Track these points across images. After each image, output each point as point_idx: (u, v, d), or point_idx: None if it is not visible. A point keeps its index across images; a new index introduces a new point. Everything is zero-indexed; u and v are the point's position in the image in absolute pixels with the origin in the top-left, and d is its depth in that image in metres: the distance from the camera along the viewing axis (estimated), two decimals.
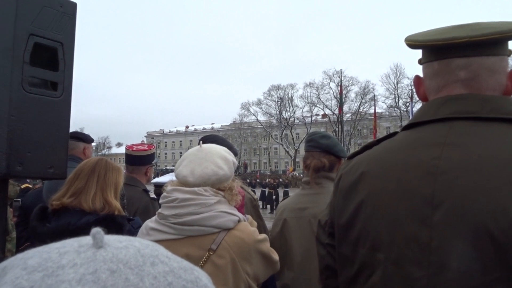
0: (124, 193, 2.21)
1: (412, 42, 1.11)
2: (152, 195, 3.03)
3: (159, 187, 4.03)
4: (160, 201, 1.62)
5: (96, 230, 0.47)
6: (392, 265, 0.98)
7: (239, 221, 1.59)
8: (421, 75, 1.19)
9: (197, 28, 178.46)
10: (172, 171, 1.95)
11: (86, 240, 0.48)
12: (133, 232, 1.77)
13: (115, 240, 0.49)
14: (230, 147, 2.16)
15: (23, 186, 4.68)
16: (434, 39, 1.06)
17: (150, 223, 1.62)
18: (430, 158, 0.99)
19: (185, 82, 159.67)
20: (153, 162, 3.26)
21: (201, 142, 1.78)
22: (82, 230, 1.89)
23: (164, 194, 1.62)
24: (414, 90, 1.23)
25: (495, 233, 0.85)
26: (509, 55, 1.08)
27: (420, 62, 1.18)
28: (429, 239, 0.92)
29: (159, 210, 1.61)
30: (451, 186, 0.93)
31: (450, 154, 0.97)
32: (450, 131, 1.01)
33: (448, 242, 0.90)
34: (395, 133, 1.18)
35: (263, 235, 1.67)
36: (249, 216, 1.80)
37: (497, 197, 0.87)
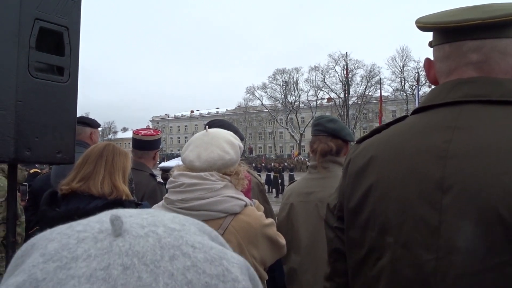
0: (132, 177, 2.23)
1: (423, 24, 1.09)
2: (159, 179, 3.06)
3: (166, 172, 4.06)
4: (167, 186, 1.62)
5: (115, 216, 0.45)
6: (401, 248, 0.98)
7: (245, 205, 1.60)
8: (431, 57, 1.18)
9: (202, 13, 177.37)
10: (178, 155, 1.94)
11: (107, 223, 0.46)
12: None
13: (137, 226, 0.46)
14: (236, 132, 2.15)
15: (32, 171, 4.72)
16: (445, 21, 1.04)
17: (157, 208, 1.63)
18: (440, 142, 0.98)
19: (190, 67, 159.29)
20: (160, 147, 3.29)
21: (207, 126, 1.77)
22: (91, 215, 1.91)
23: (171, 179, 1.62)
24: (420, 73, 1.21)
25: (505, 216, 0.85)
26: None
27: (430, 44, 1.16)
28: (438, 222, 0.92)
29: (166, 195, 1.61)
30: (461, 170, 0.92)
31: (461, 138, 0.96)
32: (461, 114, 1.00)
33: (457, 226, 0.90)
34: (405, 117, 1.17)
35: (270, 220, 1.67)
36: (255, 201, 1.80)
37: (507, 181, 0.86)
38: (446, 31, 1.07)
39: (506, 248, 0.85)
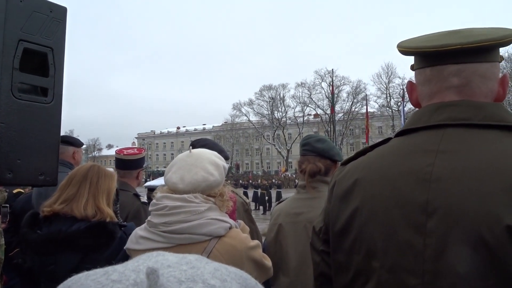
0: (118, 199, 2.21)
1: (405, 49, 1.12)
2: (143, 199, 3.02)
3: (152, 191, 4.02)
4: (150, 208, 1.60)
5: (151, 270, 0.41)
6: (387, 273, 0.98)
7: (230, 228, 1.58)
8: (414, 80, 1.20)
9: (188, 28, 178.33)
10: (164, 172, 1.92)
11: (143, 273, 0.43)
12: (125, 239, 1.76)
13: (175, 280, 0.43)
14: (221, 151, 2.15)
15: (15, 191, 4.62)
16: (426, 46, 1.07)
17: (139, 231, 1.60)
18: (424, 165, 0.99)
19: (176, 82, 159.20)
20: (144, 166, 3.25)
21: (190, 147, 1.77)
22: (73, 237, 1.89)
23: (154, 201, 1.60)
24: (405, 90, 1.24)
25: (489, 239, 0.85)
26: (500, 61, 1.10)
27: (412, 68, 1.19)
28: (423, 246, 0.93)
29: (149, 218, 1.59)
30: (445, 193, 0.93)
31: (444, 161, 0.97)
32: (443, 138, 1.01)
33: (442, 250, 0.91)
34: (388, 139, 1.19)
35: (255, 242, 1.66)
36: (241, 222, 1.79)
37: (490, 204, 0.87)
38: (427, 55, 1.09)
39: (492, 272, 0.85)
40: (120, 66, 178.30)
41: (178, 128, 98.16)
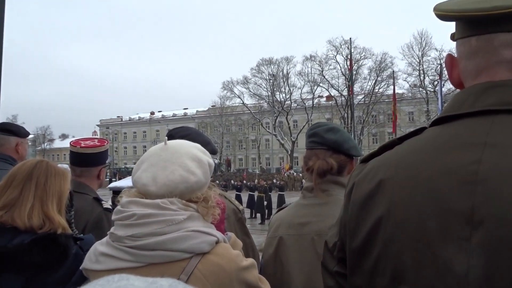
0: (73, 204, 2.19)
1: (444, 13, 1.10)
2: (107, 204, 3.00)
3: (118, 194, 4.02)
4: (113, 217, 1.59)
5: None
6: None
7: (217, 242, 1.57)
8: (455, 53, 1.19)
9: None
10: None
11: None
12: (81, 256, 1.75)
13: None
14: (206, 144, 2.12)
15: None
16: (472, 8, 1.05)
17: (100, 246, 1.59)
18: (468, 163, 0.98)
19: (149, 56, 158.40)
20: (107, 162, 3.23)
21: (166, 138, 1.75)
22: (14, 254, 1.87)
23: (118, 207, 1.58)
24: (443, 65, 1.23)
25: None
26: None
27: (453, 37, 1.18)
28: (466, 268, 0.92)
29: (112, 229, 1.57)
30: (494, 199, 0.92)
31: (493, 158, 0.96)
32: (493, 127, 1.01)
33: (492, 273, 0.89)
34: (422, 129, 1.17)
35: (250, 260, 1.66)
36: (231, 235, 1.79)
37: None
38: (472, 20, 1.08)
39: None
40: (77, 35, 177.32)
41: (152, 113, 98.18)
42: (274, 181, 33.88)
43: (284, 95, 71.10)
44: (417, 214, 1.01)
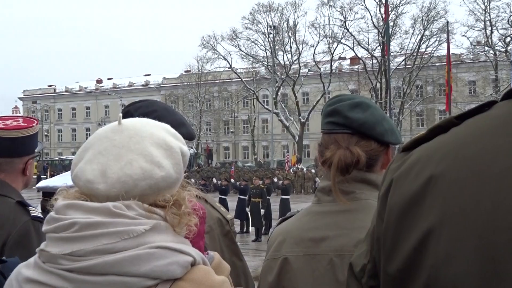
0: None
1: None
2: (36, 212, 2.94)
3: (50, 196, 4.08)
4: (45, 227, 1.46)
5: None
6: None
7: (193, 264, 1.48)
8: None
9: None
10: (71, 164, 1.87)
11: None
12: (1, 283, 1.73)
13: None
14: (179, 125, 2.03)
15: None
16: None
17: (25, 269, 1.48)
18: None
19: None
20: (36, 151, 3.16)
21: (120, 115, 1.70)
22: None
23: (52, 214, 1.47)
24: None
25: None
26: None
27: None
28: None
29: (42, 246, 1.45)
30: None
31: None
32: None
33: None
34: (490, 104, 1.11)
35: None
36: (214, 254, 1.68)
37: None
38: None
39: None
40: None
41: (99, 81, 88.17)
42: (275, 179, 34.10)
43: (290, 56, 61.78)
44: (483, 225, 0.97)
